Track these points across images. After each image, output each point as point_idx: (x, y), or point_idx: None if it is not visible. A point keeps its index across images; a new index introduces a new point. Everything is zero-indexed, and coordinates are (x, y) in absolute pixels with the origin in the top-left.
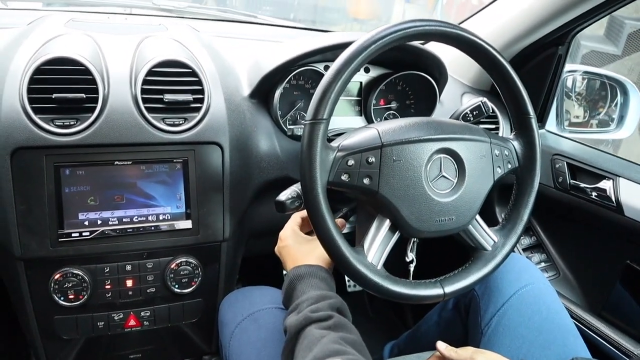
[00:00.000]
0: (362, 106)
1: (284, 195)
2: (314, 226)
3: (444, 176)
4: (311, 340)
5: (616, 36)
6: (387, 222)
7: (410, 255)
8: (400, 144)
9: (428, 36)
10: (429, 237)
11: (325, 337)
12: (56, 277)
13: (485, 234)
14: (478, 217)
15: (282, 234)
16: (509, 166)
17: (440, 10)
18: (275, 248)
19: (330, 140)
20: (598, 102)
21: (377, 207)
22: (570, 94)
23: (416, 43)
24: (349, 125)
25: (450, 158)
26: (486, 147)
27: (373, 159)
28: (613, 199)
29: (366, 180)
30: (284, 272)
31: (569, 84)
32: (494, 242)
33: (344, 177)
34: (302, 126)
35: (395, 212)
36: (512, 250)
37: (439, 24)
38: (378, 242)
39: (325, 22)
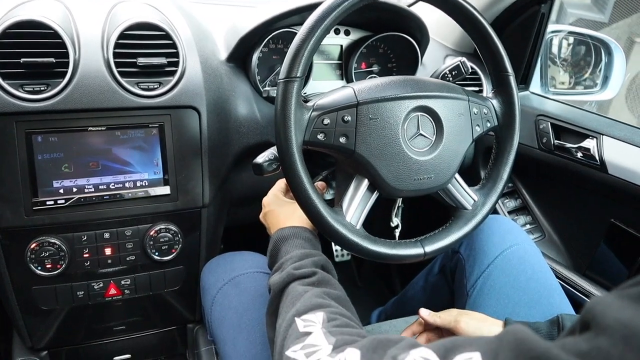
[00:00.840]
0: (344, 70)
1: (261, 158)
2: (290, 186)
3: (421, 134)
4: (294, 296)
5: (603, 3)
6: (365, 182)
7: (396, 221)
8: (376, 102)
9: None
10: (408, 196)
11: (309, 292)
12: (32, 246)
13: (465, 193)
14: (457, 176)
15: (265, 200)
16: (488, 125)
17: None
18: (260, 215)
19: (307, 101)
20: (583, 67)
21: (355, 166)
22: (556, 60)
23: (398, 2)
24: (330, 89)
25: (428, 116)
26: (464, 105)
27: (349, 118)
28: (597, 157)
29: (342, 139)
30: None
31: (555, 49)
32: (474, 201)
33: (320, 137)
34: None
35: (373, 171)
36: (492, 208)
37: None
38: (357, 202)
39: None
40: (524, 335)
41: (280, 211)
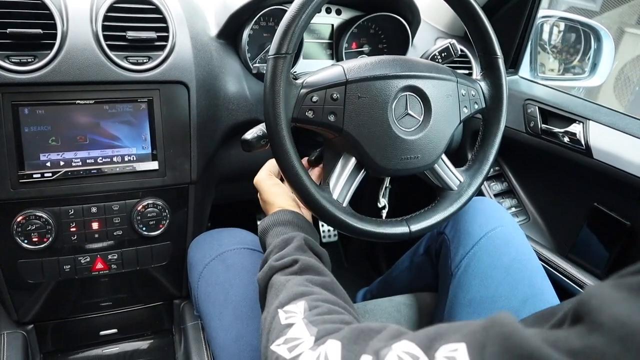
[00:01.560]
0: (334, 49)
1: (249, 134)
2: (278, 163)
3: (409, 114)
4: (277, 288)
5: None
6: (353, 160)
7: (383, 201)
8: (365, 81)
9: None
10: (395, 175)
11: (290, 281)
12: (19, 219)
13: (451, 174)
14: (444, 156)
15: (255, 180)
16: (476, 106)
17: None
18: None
19: (297, 78)
20: (573, 54)
21: (343, 144)
22: (546, 46)
23: None
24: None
25: (416, 96)
26: (452, 86)
27: (338, 96)
28: (583, 142)
29: (331, 117)
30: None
31: (545, 36)
32: (460, 182)
33: (309, 114)
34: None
35: (360, 149)
36: (478, 189)
37: None
38: (343, 180)
39: None
40: (512, 329)
41: (270, 193)
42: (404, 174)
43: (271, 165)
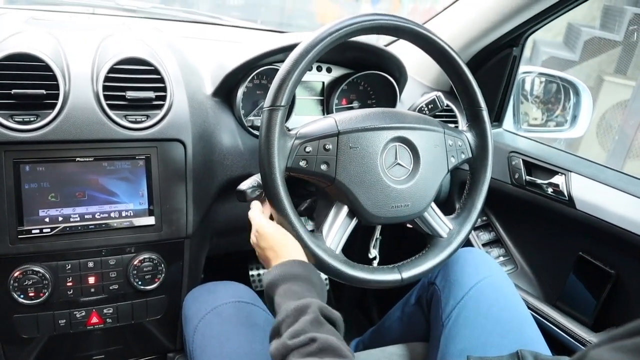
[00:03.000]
0: (325, 105)
1: (244, 185)
2: (274, 211)
3: (399, 164)
4: None
5: (574, 43)
6: (345, 209)
7: (374, 252)
8: (356, 132)
9: (382, 29)
10: (386, 223)
11: None
12: (16, 274)
13: (440, 222)
14: (434, 205)
15: (257, 226)
16: (463, 156)
17: (406, 15)
18: (252, 239)
19: (290, 130)
20: (554, 105)
21: (335, 193)
22: (529, 97)
23: (377, 43)
24: None
25: (405, 146)
26: (440, 137)
27: (330, 146)
28: (565, 193)
29: (324, 167)
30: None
31: (527, 87)
32: (450, 229)
33: (302, 164)
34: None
35: (353, 198)
36: (467, 236)
37: (392, 18)
38: (336, 228)
39: (293, 27)
40: None
41: (276, 240)
42: (395, 222)
43: (260, 208)
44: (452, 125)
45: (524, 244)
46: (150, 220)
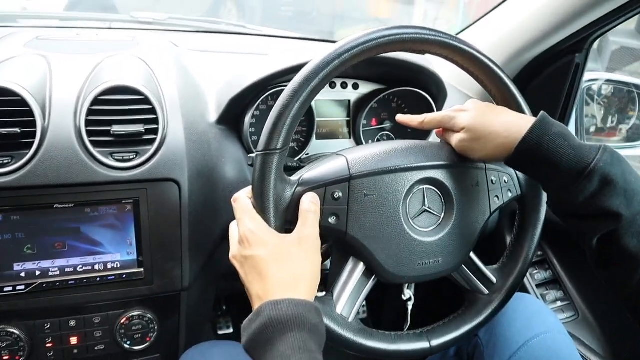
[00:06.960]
0: (351, 127)
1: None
2: None
3: (427, 210)
4: None
5: None
6: (361, 266)
7: (408, 293)
8: (372, 175)
9: (407, 43)
10: (411, 282)
11: None
12: None
13: (481, 275)
14: (473, 255)
15: (243, 232)
16: (510, 195)
17: (463, 9)
18: (231, 255)
19: (294, 169)
20: (626, 117)
21: (348, 249)
22: (595, 109)
23: (408, 57)
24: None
25: (435, 189)
26: (480, 173)
27: (340, 194)
28: None
29: (332, 220)
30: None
31: (592, 97)
32: (493, 284)
33: None
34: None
35: (369, 255)
36: (513, 294)
37: (420, 31)
38: (350, 290)
39: (346, 20)
40: None
41: (278, 262)
42: (423, 281)
43: (247, 192)
44: None
45: (587, 286)
46: (139, 273)
